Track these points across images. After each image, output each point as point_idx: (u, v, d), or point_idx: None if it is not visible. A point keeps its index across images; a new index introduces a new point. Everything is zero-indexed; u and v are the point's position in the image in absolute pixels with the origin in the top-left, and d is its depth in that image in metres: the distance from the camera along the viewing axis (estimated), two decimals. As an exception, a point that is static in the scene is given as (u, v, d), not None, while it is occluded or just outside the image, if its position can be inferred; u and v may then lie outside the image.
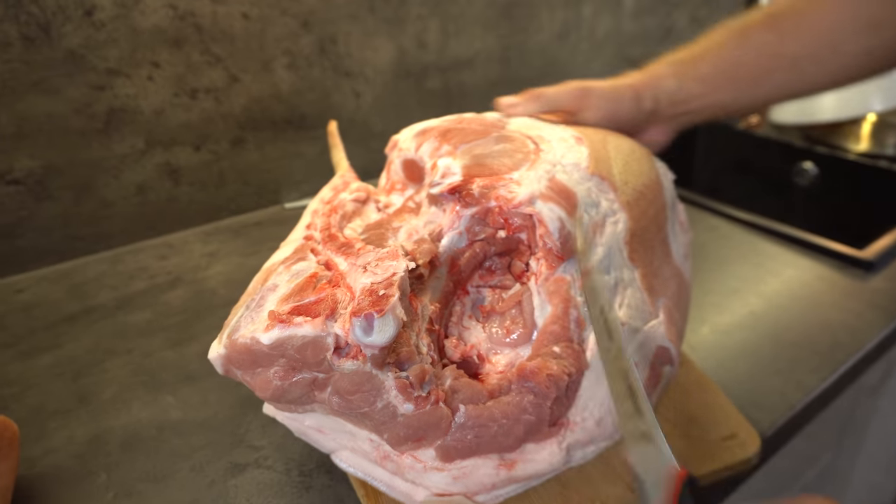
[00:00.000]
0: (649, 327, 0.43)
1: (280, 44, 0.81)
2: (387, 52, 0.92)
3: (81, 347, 0.61)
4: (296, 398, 0.36)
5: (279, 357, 0.35)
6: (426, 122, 0.51)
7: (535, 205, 0.41)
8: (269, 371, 0.35)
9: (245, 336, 0.35)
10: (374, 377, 0.35)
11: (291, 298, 0.36)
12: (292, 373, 0.35)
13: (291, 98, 0.85)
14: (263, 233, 0.83)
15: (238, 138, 0.83)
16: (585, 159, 0.46)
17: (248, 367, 0.36)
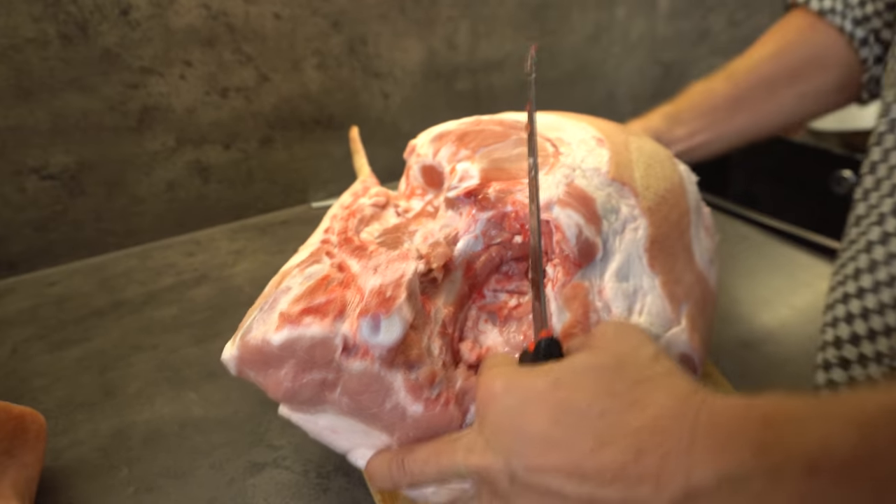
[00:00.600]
0: (671, 334, 0.42)
1: (310, 44, 0.81)
2: (416, 52, 0.91)
3: (109, 341, 0.62)
4: (307, 399, 0.36)
5: (289, 357, 0.35)
6: (443, 126, 0.51)
7: (552, 211, 0.41)
8: (280, 372, 0.36)
9: (256, 337, 0.36)
10: (383, 378, 0.35)
11: (303, 300, 0.36)
12: (302, 374, 0.35)
13: (320, 98, 0.85)
14: (290, 231, 0.83)
15: (267, 137, 0.84)
16: (606, 163, 0.46)
17: (259, 368, 0.36)
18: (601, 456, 0.26)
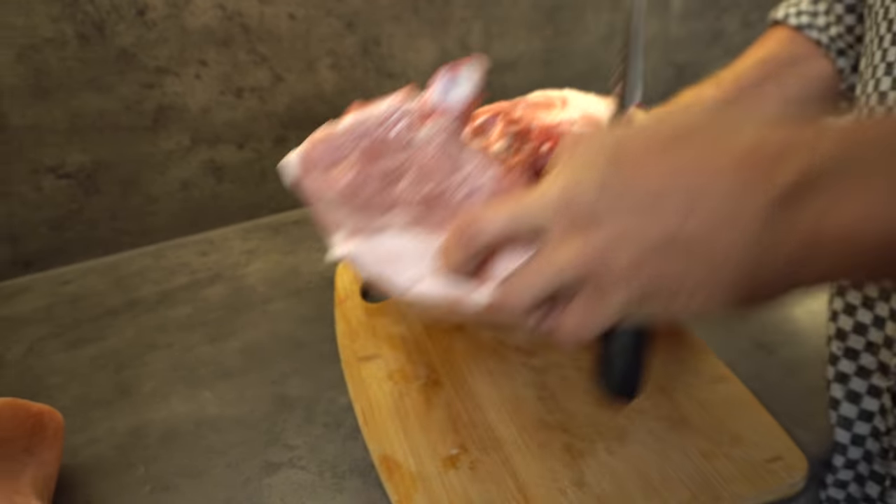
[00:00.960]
0: None
1: (324, 44, 0.81)
2: (429, 53, 0.91)
3: (124, 340, 0.62)
4: (371, 193, 0.34)
5: (357, 142, 0.34)
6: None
7: (572, 126, 0.44)
8: (346, 163, 0.34)
9: (322, 131, 0.35)
10: (457, 141, 0.34)
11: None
12: (369, 162, 0.34)
13: (334, 98, 0.86)
14: (302, 231, 0.84)
15: (281, 137, 0.84)
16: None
17: (324, 164, 0.34)
18: (729, 144, 0.26)
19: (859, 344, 0.50)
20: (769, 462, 0.46)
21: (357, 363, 0.56)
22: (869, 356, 0.49)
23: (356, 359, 0.57)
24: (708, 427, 0.49)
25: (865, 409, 0.50)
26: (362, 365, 0.56)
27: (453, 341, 0.59)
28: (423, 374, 0.55)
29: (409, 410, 0.51)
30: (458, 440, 0.48)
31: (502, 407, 0.51)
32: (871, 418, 0.50)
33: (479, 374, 0.55)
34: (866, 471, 0.51)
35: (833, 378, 0.52)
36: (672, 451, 0.47)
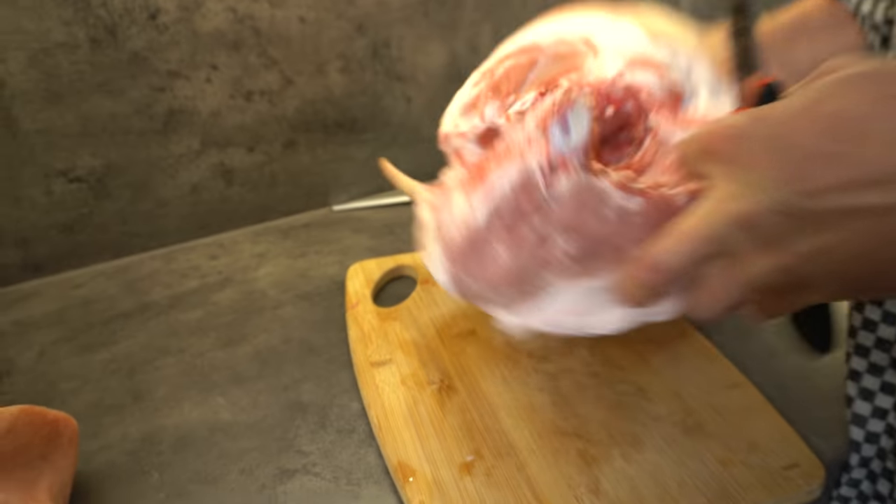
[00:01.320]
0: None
1: (334, 47, 0.81)
2: (439, 56, 0.91)
3: (136, 344, 0.62)
4: (531, 271, 0.34)
5: (496, 223, 0.33)
6: (462, 94, 0.48)
7: (625, 78, 0.41)
8: (494, 249, 0.34)
9: (454, 225, 0.35)
10: (592, 184, 0.33)
11: (472, 174, 0.37)
12: (516, 237, 0.33)
13: (343, 101, 0.85)
14: (311, 235, 0.83)
15: (290, 140, 0.84)
16: (639, 32, 0.46)
17: (473, 259, 0.35)
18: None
19: (869, 340, 0.50)
20: (786, 469, 0.46)
21: (370, 368, 0.56)
22: (880, 353, 0.49)
23: (369, 364, 0.57)
24: (723, 433, 0.49)
25: (879, 407, 0.50)
26: (375, 370, 0.56)
27: (466, 346, 0.59)
28: (437, 379, 0.55)
29: (424, 416, 0.51)
30: (473, 446, 0.48)
31: (517, 412, 0.51)
32: (885, 415, 0.50)
33: (492, 379, 0.55)
34: (879, 468, 0.51)
35: (846, 376, 0.52)
36: (688, 458, 0.47)
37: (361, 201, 0.92)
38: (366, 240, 0.82)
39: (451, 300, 0.65)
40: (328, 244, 0.81)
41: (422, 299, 0.66)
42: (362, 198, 0.93)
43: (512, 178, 0.33)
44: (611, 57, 0.42)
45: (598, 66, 0.42)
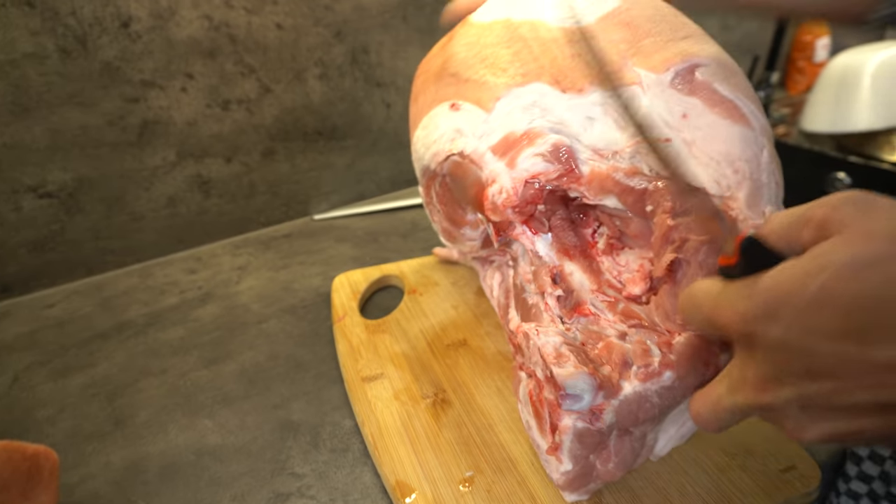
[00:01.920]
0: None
1: (313, 54, 0.80)
2: (418, 61, 0.90)
3: (115, 366, 0.59)
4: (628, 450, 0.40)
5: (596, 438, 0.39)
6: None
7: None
8: (607, 453, 0.40)
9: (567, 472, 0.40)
10: (627, 400, 0.38)
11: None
12: (602, 444, 0.40)
13: (322, 109, 0.84)
14: (293, 245, 0.82)
15: (269, 149, 0.82)
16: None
17: (591, 475, 0.41)
18: None
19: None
20: (783, 472, 0.46)
21: (361, 384, 0.55)
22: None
23: (360, 379, 0.55)
24: (721, 440, 0.48)
25: None
26: (367, 385, 0.54)
27: (458, 357, 0.58)
28: (431, 392, 0.54)
29: (420, 432, 0.50)
30: (472, 462, 0.47)
31: (513, 425, 0.50)
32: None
33: (486, 390, 0.54)
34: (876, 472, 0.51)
35: None
36: (688, 466, 0.46)
37: (343, 209, 0.90)
38: (349, 249, 0.80)
39: (440, 310, 0.64)
40: (311, 254, 0.79)
41: (410, 310, 0.65)
42: (343, 206, 0.91)
43: (572, 437, 0.38)
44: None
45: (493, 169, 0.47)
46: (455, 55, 0.56)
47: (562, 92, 0.45)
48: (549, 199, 0.47)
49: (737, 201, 0.36)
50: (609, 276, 0.44)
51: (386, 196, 0.95)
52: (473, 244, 0.62)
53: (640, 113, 0.39)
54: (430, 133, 0.57)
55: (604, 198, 0.43)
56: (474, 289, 0.67)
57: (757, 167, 0.36)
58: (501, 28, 0.52)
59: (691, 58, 0.40)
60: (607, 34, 0.44)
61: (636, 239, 0.43)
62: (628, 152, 0.41)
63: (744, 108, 0.38)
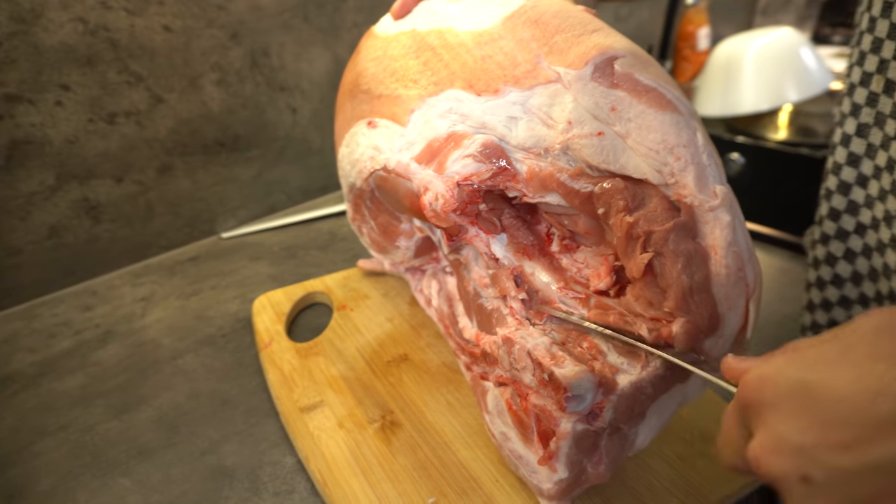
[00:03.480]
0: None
1: (207, 58, 0.73)
2: (323, 62, 0.85)
3: (4, 428, 0.51)
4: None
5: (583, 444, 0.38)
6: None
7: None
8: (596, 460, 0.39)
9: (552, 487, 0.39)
10: (624, 393, 0.36)
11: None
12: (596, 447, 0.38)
13: (223, 117, 0.77)
14: (202, 268, 0.75)
15: (165, 165, 0.74)
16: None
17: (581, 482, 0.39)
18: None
19: (835, 296, 0.53)
20: (742, 455, 0.46)
21: (300, 415, 0.50)
22: (841, 310, 0.52)
23: (298, 410, 0.50)
24: (677, 428, 0.48)
25: None
26: (306, 416, 0.50)
27: (401, 374, 0.54)
28: (377, 415, 0.50)
29: (372, 460, 0.46)
30: (433, 487, 0.44)
31: (471, 440, 0.47)
32: None
33: (436, 406, 0.51)
34: None
35: (808, 325, 0.54)
36: (651, 460, 0.46)
37: (253, 225, 0.84)
38: (266, 267, 0.74)
39: (375, 325, 0.61)
40: (223, 277, 0.72)
41: (342, 327, 0.60)
42: (254, 221, 0.85)
43: (571, 442, 0.37)
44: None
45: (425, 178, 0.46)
46: (365, 71, 0.54)
47: (477, 95, 0.44)
48: (491, 198, 0.45)
49: (686, 187, 0.35)
50: (572, 273, 0.43)
51: (299, 207, 0.89)
52: (407, 254, 0.58)
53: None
54: (353, 151, 0.54)
55: (545, 195, 0.41)
56: (407, 299, 0.64)
57: (696, 151, 0.36)
58: (408, 39, 0.50)
59: (607, 50, 0.38)
60: (516, 34, 0.42)
61: (588, 236, 0.41)
62: (559, 148, 0.39)
63: (668, 95, 0.37)
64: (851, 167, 0.52)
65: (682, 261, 0.33)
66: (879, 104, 0.48)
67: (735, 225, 0.34)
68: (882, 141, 0.48)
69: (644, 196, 0.36)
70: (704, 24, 1.46)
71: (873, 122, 0.49)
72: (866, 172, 0.50)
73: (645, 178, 0.36)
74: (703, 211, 0.34)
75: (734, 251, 0.34)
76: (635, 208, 0.36)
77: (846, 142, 0.51)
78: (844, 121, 0.52)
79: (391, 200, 0.52)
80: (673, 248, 0.33)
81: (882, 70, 0.47)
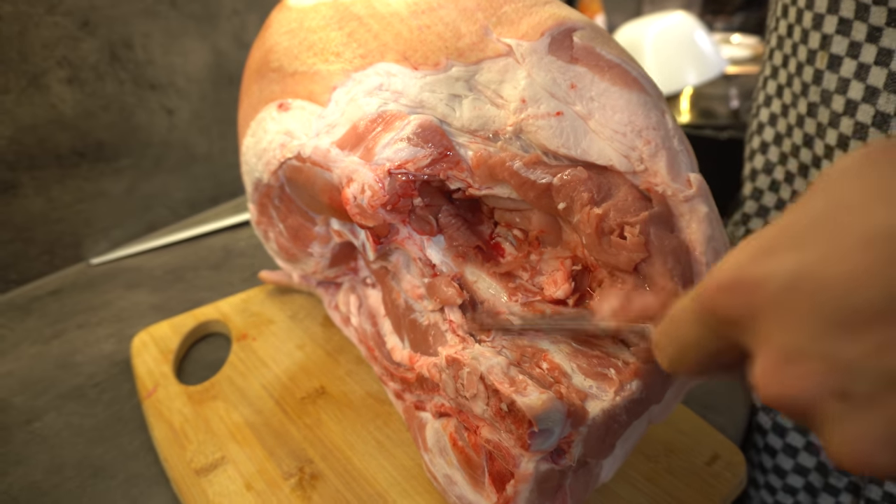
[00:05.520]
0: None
1: (52, 51, 0.61)
2: (200, 55, 0.74)
3: None
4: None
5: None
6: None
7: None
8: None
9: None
10: (596, 425, 0.30)
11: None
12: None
13: (79, 122, 0.65)
14: (65, 304, 0.62)
15: (7, 183, 0.61)
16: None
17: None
18: None
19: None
20: (709, 465, 0.42)
21: (196, 479, 0.40)
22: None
23: (193, 473, 0.41)
24: (639, 445, 0.43)
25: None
26: (204, 480, 0.40)
27: (319, 412, 0.46)
28: (294, 468, 0.41)
29: (290, 530, 0.37)
30: (368, 553, 0.36)
31: (409, 487, 0.40)
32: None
33: (364, 448, 0.43)
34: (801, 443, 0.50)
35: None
36: (617, 486, 0.40)
37: (129, 247, 0.71)
38: (146, 296, 0.63)
39: (283, 355, 0.52)
40: (93, 312, 0.60)
41: (244, 362, 0.51)
42: (130, 242, 0.73)
43: (532, 486, 0.30)
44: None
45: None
46: (276, 46, 0.45)
47: (413, 69, 0.37)
48: (427, 191, 0.38)
49: (657, 175, 0.30)
50: (522, 281, 0.36)
51: (185, 223, 0.78)
52: (321, 262, 0.50)
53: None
54: (260, 140, 0.45)
55: (493, 186, 0.35)
56: (319, 319, 0.55)
57: (666, 134, 0.31)
58: (328, 9, 0.42)
59: (565, 21, 0.33)
60: (458, 2, 0.36)
61: (544, 235, 0.35)
62: (510, 131, 0.33)
63: (633, 72, 0.32)
64: (775, 146, 0.50)
65: (671, 260, 0.27)
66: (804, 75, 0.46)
67: (712, 217, 0.29)
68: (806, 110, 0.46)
69: (610, 186, 0.31)
70: (599, 11, 1.46)
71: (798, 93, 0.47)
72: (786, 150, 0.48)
73: (610, 165, 0.31)
74: (678, 202, 0.29)
75: (713, 247, 0.29)
76: (601, 200, 0.30)
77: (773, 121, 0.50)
78: (770, 101, 0.50)
79: (305, 197, 0.44)
80: (658, 245, 0.27)
81: (825, 46, 0.45)
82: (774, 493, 0.51)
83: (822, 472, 0.48)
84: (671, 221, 0.29)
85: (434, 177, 0.36)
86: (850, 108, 0.43)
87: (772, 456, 0.51)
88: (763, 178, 0.53)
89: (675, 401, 0.36)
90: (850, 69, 0.42)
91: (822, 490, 0.48)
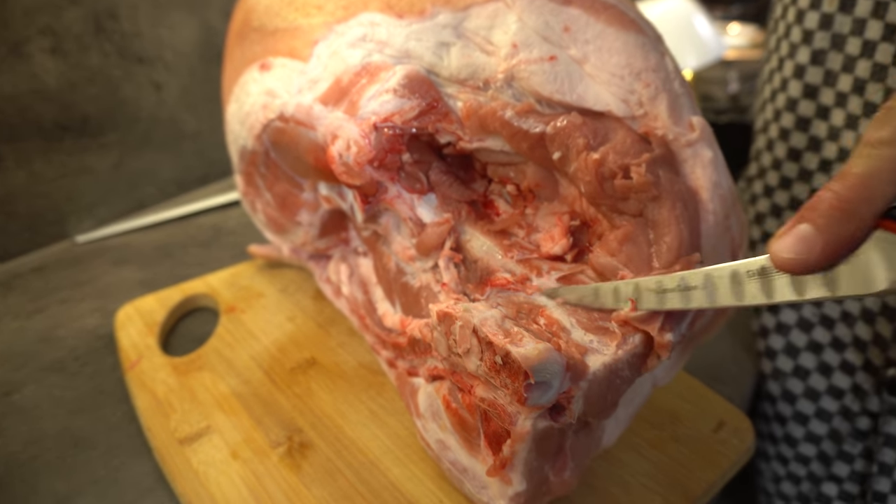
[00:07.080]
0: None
1: (34, 19, 0.59)
2: (189, 29, 0.72)
3: None
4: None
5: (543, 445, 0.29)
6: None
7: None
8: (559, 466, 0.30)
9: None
10: (596, 377, 0.28)
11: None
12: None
13: (64, 94, 0.63)
14: (49, 280, 0.60)
15: (-12, 155, 0.59)
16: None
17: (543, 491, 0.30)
18: None
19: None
20: (715, 432, 0.41)
21: (179, 448, 0.39)
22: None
23: (176, 443, 0.39)
24: (643, 412, 0.41)
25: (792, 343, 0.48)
26: (188, 449, 0.39)
27: (309, 382, 0.44)
28: (283, 437, 0.40)
29: (278, 497, 0.36)
30: (360, 521, 0.34)
31: (403, 455, 0.38)
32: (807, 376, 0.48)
33: (357, 417, 0.41)
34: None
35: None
36: (621, 452, 0.39)
37: (117, 224, 0.69)
38: (134, 272, 0.61)
39: (273, 326, 0.50)
40: (78, 288, 0.59)
41: (232, 334, 0.49)
42: (117, 220, 0.71)
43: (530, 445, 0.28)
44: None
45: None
46: (256, 5, 0.44)
47: (398, 18, 0.35)
48: (416, 147, 0.36)
49: (657, 118, 0.28)
50: (518, 238, 0.34)
51: (174, 201, 0.76)
52: (310, 232, 0.48)
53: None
54: (243, 104, 0.44)
55: (485, 139, 0.33)
56: (310, 293, 0.54)
57: (667, 76, 0.29)
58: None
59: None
60: None
61: (540, 189, 0.33)
62: (501, 79, 0.32)
63: (630, 14, 0.31)
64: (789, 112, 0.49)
65: (681, 205, 0.26)
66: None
67: (717, 162, 0.28)
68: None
69: (607, 131, 0.29)
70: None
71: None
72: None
73: (608, 111, 0.29)
74: (680, 146, 0.28)
75: (720, 194, 0.27)
76: (598, 145, 0.28)
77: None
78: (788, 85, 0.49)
79: (290, 160, 0.42)
80: (668, 189, 0.26)
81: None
82: (786, 463, 0.49)
83: (835, 439, 0.46)
84: (675, 166, 0.27)
85: (422, 130, 0.34)
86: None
87: (782, 424, 0.49)
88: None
89: (681, 361, 0.35)
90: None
91: (836, 458, 0.46)
